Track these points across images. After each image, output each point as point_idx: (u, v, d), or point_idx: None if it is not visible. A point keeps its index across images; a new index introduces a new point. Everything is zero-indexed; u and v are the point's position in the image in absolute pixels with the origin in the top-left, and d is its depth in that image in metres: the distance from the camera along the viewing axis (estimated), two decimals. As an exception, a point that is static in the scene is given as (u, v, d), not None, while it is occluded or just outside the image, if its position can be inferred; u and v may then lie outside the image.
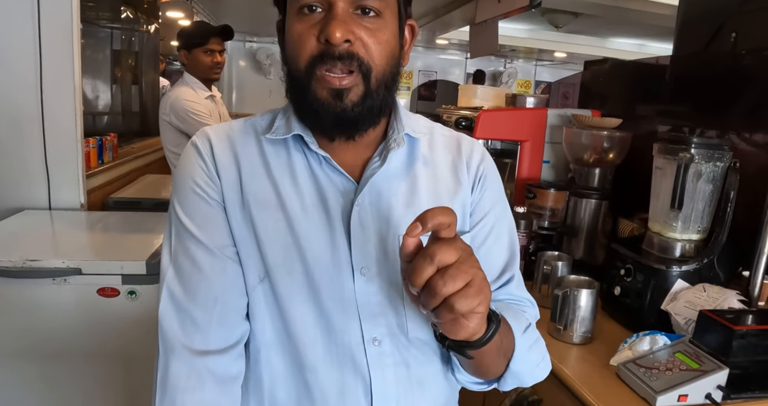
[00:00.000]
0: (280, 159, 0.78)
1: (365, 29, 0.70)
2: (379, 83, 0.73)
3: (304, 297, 0.75)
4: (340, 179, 0.78)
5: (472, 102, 2.55)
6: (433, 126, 0.89)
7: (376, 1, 0.70)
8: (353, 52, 0.69)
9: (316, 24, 0.70)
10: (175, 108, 2.37)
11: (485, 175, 0.86)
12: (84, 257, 1.66)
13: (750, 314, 1.11)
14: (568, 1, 3.53)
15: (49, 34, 2.11)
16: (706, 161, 1.27)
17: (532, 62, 8.85)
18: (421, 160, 0.83)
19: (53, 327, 1.64)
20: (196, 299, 0.75)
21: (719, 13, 1.73)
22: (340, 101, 0.71)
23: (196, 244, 0.75)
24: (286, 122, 0.79)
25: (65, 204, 2.24)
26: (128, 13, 3.85)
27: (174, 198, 0.79)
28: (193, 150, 0.79)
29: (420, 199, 0.80)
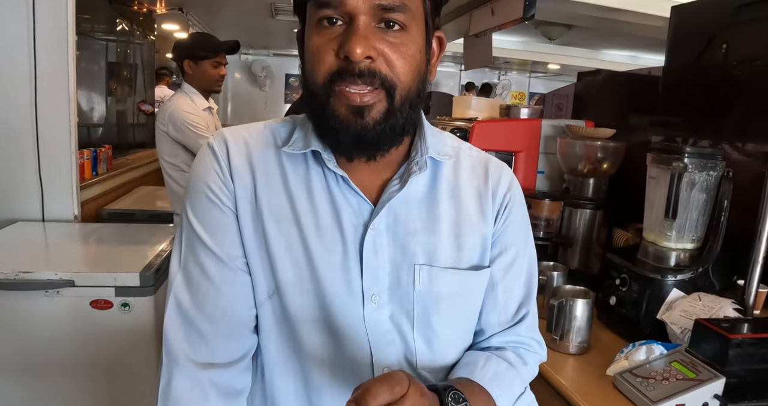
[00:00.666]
0: (298, 173, 0.74)
1: (388, 44, 0.66)
2: (403, 100, 0.68)
3: (314, 318, 0.73)
4: (357, 200, 0.74)
5: (466, 113, 2.56)
6: (460, 146, 0.83)
7: (400, 14, 0.66)
8: (375, 69, 0.65)
9: (335, 38, 0.66)
10: (174, 119, 2.37)
11: (511, 205, 0.82)
12: (77, 268, 1.65)
13: (746, 322, 1.11)
14: (561, 14, 3.57)
15: (44, 46, 2.12)
16: (699, 171, 1.28)
17: (525, 74, 8.93)
18: (445, 185, 0.78)
19: (45, 340, 1.62)
20: (204, 310, 0.72)
21: (710, 25, 1.75)
22: (361, 119, 0.67)
23: (206, 251, 0.73)
24: (304, 136, 0.75)
25: (59, 216, 2.23)
26: (124, 25, 3.87)
27: (187, 201, 0.75)
28: (209, 152, 0.75)
29: (440, 228, 0.76)
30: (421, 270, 0.74)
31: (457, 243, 0.77)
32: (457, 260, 0.77)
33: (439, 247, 0.76)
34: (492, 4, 3.05)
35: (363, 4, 0.64)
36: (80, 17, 2.78)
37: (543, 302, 1.43)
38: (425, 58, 0.71)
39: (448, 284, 0.76)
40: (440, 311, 0.76)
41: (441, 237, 0.76)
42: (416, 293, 0.74)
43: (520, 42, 5.98)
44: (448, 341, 0.78)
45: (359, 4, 0.64)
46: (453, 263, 0.76)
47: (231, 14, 4.61)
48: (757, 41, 1.55)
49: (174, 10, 4.18)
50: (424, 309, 0.75)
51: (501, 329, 0.83)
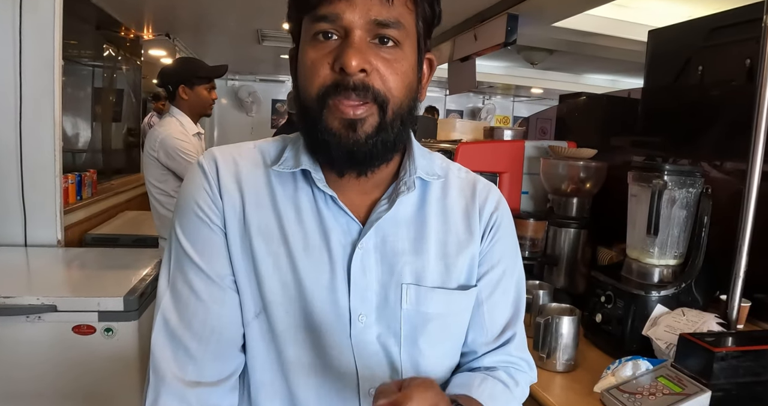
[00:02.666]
0: (286, 192, 0.75)
1: (382, 59, 0.67)
2: (395, 115, 0.69)
3: (301, 338, 0.72)
4: (346, 220, 0.74)
5: (451, 135, 2.59)
6: (449, 167, 0.84)
7: (395, 31, 0.67)
8: (368, 83, 0.66)
9: (330, 52, 0.67)
10: (165, 146, 2.36)
11: (498, 223, 0.82)
12: (59, 293, 1.63)
13: (729, 336, 1.12)
14: (542, 39, 3.65)
15: (30, 70, 2.12)
16: (679, 188, 1.30)
17: (509, 98, 9.06)
18: (434, 205, 0.79)
19: (26, 366, 1.59)
20: (192, 328, 0.71)
21: (686, 48, 1.80)
22: (353, 132, 0.67)
23: (195, 270, 0.72)
24: (294, 155, 0.75)
25: (42, 241, 2.20)
26: (111, 50, 3.89)
27: (176, 220, 0.75)
28: (199, 171, 0.75)
29: (428, 247, 0.76)
30: (408, 290, 0.74)
31: (445, 263, 0.77)
32: (445, 280, 0.77)
33: (426, 267, 0.76)
34: (475, 30, 3.12)
35: (359, 19, 0.65)
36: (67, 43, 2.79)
37: (529, 320, 1.43)
38: (417, 76, 0.72)
39: (435, 304, 0.76)
40: (428, 331, 0.76)
41: (429, 257, 0.76)
42: (404, 313, 0.74)
43: (503, 67, 6.09)
44: (434, 361, 0.78)
45: (356, 18, 0.65)
46: (441, 282, 0.77)
47: (218, 40, 4.65)
48: (731, 63, 1.60)
49: (161, 36, 4.21)
50: (412, 329, 0.75)
51: (488, 348, 0.82)
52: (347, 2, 0.65)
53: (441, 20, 0.75)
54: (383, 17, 0.66)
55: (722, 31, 1.68)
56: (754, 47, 1.47)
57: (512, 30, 2.79)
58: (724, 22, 1.68)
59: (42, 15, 2.11)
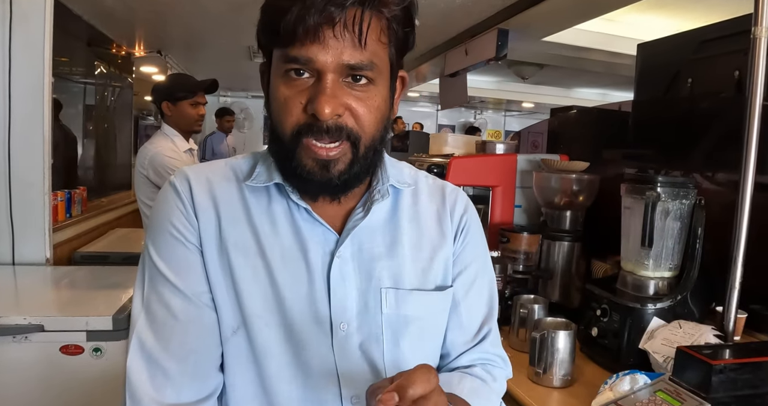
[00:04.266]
0: (260, 206, 0.75)
1: (355, 98, 0.68)
2: (367, 149, 0.71)
3: (281, 351, 0.72)
4: (321, 230, 0.75)
5: (443, 150, 2.59)
6: (417, 175, 0.87)
7: (368, 71, 0.67)
8: (342, 124, 0.67)
9: (303, 91, 0.67)
10: (155, 163, 2.34)
11: (468, 226, 0.85)
12: (47, 312, 1.59)
13: (727, 348, 1.11)
14: (532, 54, 3.68)
15: (20, 87, 2.11)
16: (672, 199, 1.30)
17: (501, 113, 9.13)
18: (406, 210, 0.81)
19: (12, 388, 1.55)
20: (169, 349, 0.70)
21: (674, 61, 1.82)
22: (327, 172, 0.69)
23: (171, 290, 0.71)
24: (267, 169, 0.76)
25: (30, 259, 2.17)
26: (102, 68, 3.88)
27: (149, 241, 0.75)
28: (171, 190, 0.75)
29: (403, 252, 0.78)
30: (387, 293, 0.76)
31: (421, 265, 0.80)
32: (422, 282, 0.79)
33: (403, 270, 0.78)
34: (465, 45, 3.14)
35: (331, 63, 0.65)
36: (58, 60, 2.78)
37: (525, 335, 1.42)
38: (390, 104, 0.74)
39: (415, 305, 0.77)
40: (409, 334, 0.77)
41: (405, 261, 0.78)
42: (384, 317, 0.76)
43: (494, 81, 6.14)
44: (417, 363, 0.77)
45: (328, 63, 0.65)
46: (418, 284, 0.79)
47: (210, 57, 4.66)
48: (720, 75, 1.61)
49: (153, 53, 4.21)
50: (393, 333, 0.76)
51: (466, 347, 0.85)
52: (319, 45, 0.64)
53: (414, 46, 0.75)
54: (356, 61, 0.66)
55: (711, 44, 1.69)
56: (742, 59, 1.48)
57: (503, 45, 2.81)
58: (712, 34, 1.69)
59: (32, 32, 2.10)
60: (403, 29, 0.70)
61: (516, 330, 1.46)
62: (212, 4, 2.79)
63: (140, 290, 0.74)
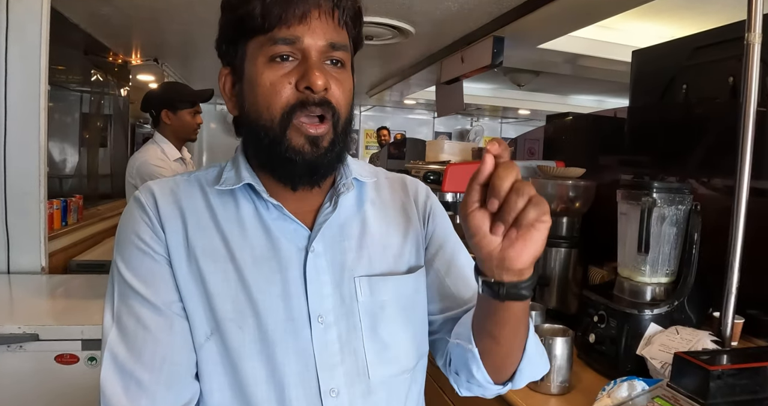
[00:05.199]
0: (228, 210, 0.77)
1: (334, 79, 0.72)
2: (343, 129, 0.75)
3: (256, 352, 0.73)
4: (293, 227, 0.77)
5: (439, 157, 2.59)
6: (377, 170, 0.91)
7: (342, 53, 0.73)
8: (329, 100, 0.71)
9: (290, 73, 0.71)
10: (142, 172, 2.34)
11: (433, 210, 0.89)
12: (42, 322, 1.58)
13: (724, 354, 1.11)
14: (528, 61, 3.69)
15: (16, 96, 2.11)
16: (668, 205, 1.30)
17: (497, 120, 9.14)
18: (369, 202, 0.84)
19: (7, 398, 1.54)
20: (142, 360, 0.70)
21: (669, 67, 1.83)
22: (316, 148, 0.72)
23: (140, 301, 0.72)
24: (235, 173, 0.79)
25: (25, 268, 2.16)
26: (98, 76, 3.88)
27: (117, 255, 0.76)
28: (136, 205, 0.77)
29: (372, 240, 0.81)
30: (360, 282, 0.78)
31: (392, 252, 0.82)
32: (392, 267, 0.81)
33: (374, 257, 0.80)
34: (461, 52, 3.15)
35: (318, 42, 0.71)
36: (54, 68, 2.79)
37: (523, 341, 1.41)
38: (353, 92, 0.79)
39: (389, 290, 0.79)
40: (386, 318, 0.78)
41: (375, 249, 0.81)
42: (360, 306, 0.77)
43: (490, 89, 6.16)
44: (398, 348, 0.80)
45: (314, 41, 0.71)
46: (389, 270, 0.81)
47: (206, 65, 4.66)
48: (714, 81, 1.62)
49: (149, 61, 4.21)
50: (371, 319, 0.77)
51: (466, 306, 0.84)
52: (305, 26, 0.70)
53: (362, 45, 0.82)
54: (336, 40, 0.72)
55: (705, 50, 1.70)
56: (736, 65, 1.48)
57: (498, 52, 2.82)
58: (706, 41, 1.71)
59: (28, 41, 2.10)
60: (359, 24, 0.78)
61: (513, 337, 1.45)
62: (209, 11, 2.79)
63: (110, 304, 0.74)
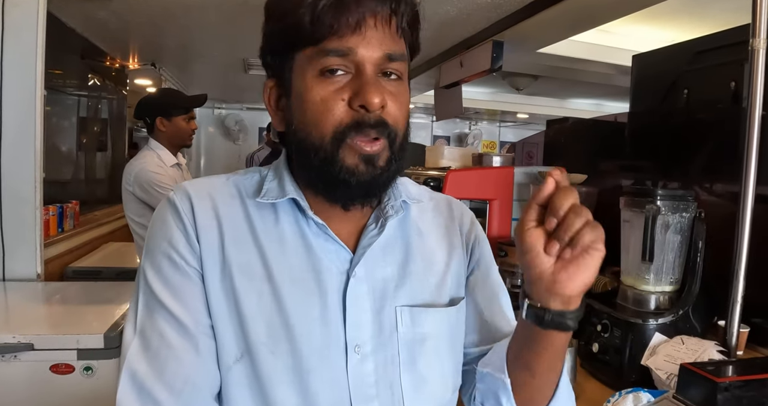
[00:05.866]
0: (267, 224, 0.71)
1: (390, 94, 0.67)
2: (399, 147, 0.69)
3: (288, 379, 0.68)
4: (335, 248, 0.71)
5: (439, 163, 2.58)
6: (421, 190, 0.85)
7: (399, 64, 0.67)
8: (384, 119, 0.66)
9: (342, 88, 0.65)
10: (140, 179, 2.32)
11: (478, 238, 0.85)
12: (37, 331, 1.56)
13: (731, 364, 1.09)
14: (527, 65, 3.68)
15: (12, 101, 2.08)
16: (672, 212, 1.29)
17: (495, 124, 9.13)
18: (415, 226, 0.79)
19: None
20: (163, 379, 0.65)
21: (671, 72, 1.81)
22: (372, 167, 0.66)
23: (167, 316, 0.67)
24: (278, 184, 0.73)
25: (21, 275, 2.13)
26: (96, 80, 3.86)
27: (146, 262, 0.70)
28: (170, 208, 0.70)
29: (415, 267, 0.76)
30: (402, 312, 0.73)
31: (434, 280, 0.78)
32: (435, 297, 0.77)
33: (416, 286, 0.76)
34: (461, 57, 3.14)
35: (373, 54, 0.65)
36: (51, 73, 2.77)
37: (525, 350, 1.39)
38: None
39: (430, 322, 0.75)
40: (426, 352, 0.74)
41: (417, 277, 0.76)
42: (400, 336, 0.73)
43: (488, 92, 6.15)
44: (435, 383, 0.76)
45: (369, 53, 0.64)
46: (432, 300, 0.76)
47: (204, 69, 4.65)
48: (716, 86, 1.61)
49: (147, 66, 4.20)
50: (410, 352, 0.73)
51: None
52: (359, 36, 0.64)
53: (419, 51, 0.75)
54: (393, 50, 0.66)
55: (706, 55, 1.69)
56: (738, 70, 1.48)
57: (498, 56, 2.81)
58: (708, 45, 1.69)
59: (24, 45, 2.08)
60: (416, 30, 0.71)
61: (515, 346, 1.43)
62: (207, 16, 2.78)
63: (134, 315, 0.69)
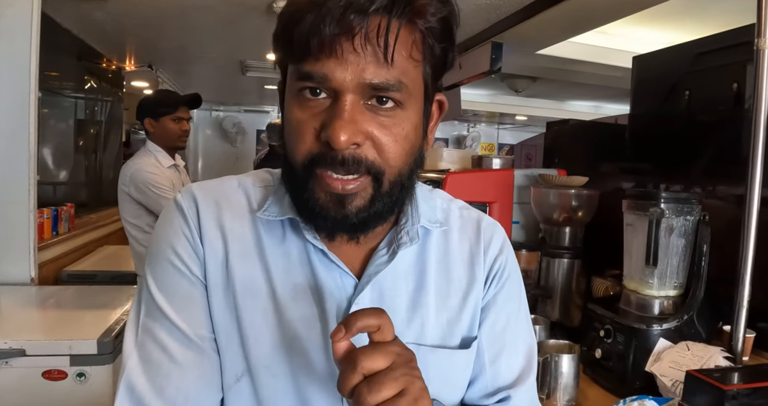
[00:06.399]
0: (274, 240, 0.67)
1: (378, 125, 0.58)
2: (392, 185, 0.61)
3: (288, 403, 0.64)
4: (339, 273, 0.66)
5: (438, 165, 2.55)
6: (450, 208, 0.76)
7: (395, 93, 0.57)
8: (360, 157, 0.57)
9: (318, 114, 0.58)
10: (135, 180, 2.30)
11: (503, 268, 0.74)
12: (29, 336, 1.54)
13: (737, 371, 1.07)
14: (526, 67, 3.67)
15: (6, 103, 2.07)
16: (676, 216, 1.26)
17: (494, 126, 9.11)
18: (434, 252, 0.71)
19: (-10, 417, 1.49)
20: (163, 395, 0.62)
21: (671, 73, 1.79)
22: (342, 208, 0.59)
23: (170, 328, 0.63)
24: (279, 201, 0.67)
25: (14, 279, 2.11)
26: (92, 82, 3.84)
27: (148, 270, 0.66)
28: (177, 211, 0.66)
29: (428, 301, 0.69)
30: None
31: (447, 316, 0.70)
32: (445, 337, 0.70)
33: (427, 323, 0.69)
34: (460, 59, 3.12)
35: (351, 82, 0.56)
36: (48, 75, 2.74)
37: (526, 356, 1.37)
38: (422, 132, 0.64)
39: (437, 364, 0.68)
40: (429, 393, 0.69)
41: (429, 312, 0.69)
42: None
43: (487, 94, 6.13)
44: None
45: (346, 81, 0.56)
46: (441, 340, 0.70)
47: (201, 71, 4.63)
48: (718, 87, 1.59)
49: (143, 68, 4.18)
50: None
51: (487, 402, 0.73)
52: (337, 60, 0.55)
53: (453, 65, 0.65)
54: (380, 80, 0.56)
55: (708, 56, 1.67)
56: (740, 71, 1.46)
57: (497, 58, 2.80)
58: (709, 47, 1.67)
59: (17, 47, 2.06)
60: (440, 44, 0.60)
61: (516, 351, 1.41)
62: (203, 18, 2.76)
63: (134, 325, 0.65)
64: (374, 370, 0.50)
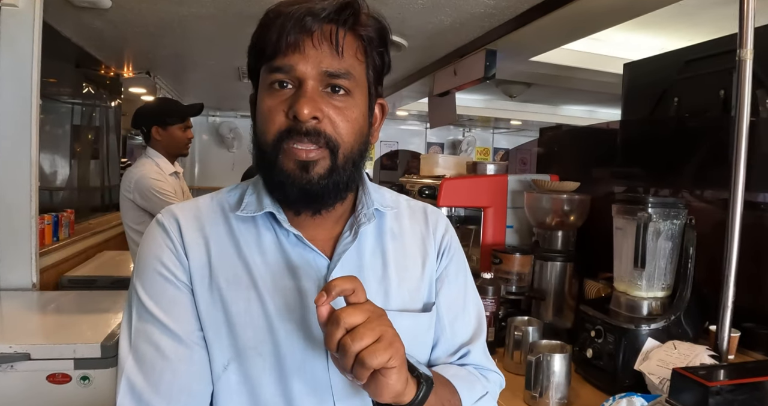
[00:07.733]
0: (249, 237, 0.77)
1: (333, 107, 0.72)
2: (346, 159, 0.74)
3: (274, 380, 0.73)
4: (312, 256, 0.77)
5: (434, 171, 2.59)
6: (398, 199, 0.90)
7: (345, 81, 0.72)
8: (320, 129, 0.71)
9: (285, 100, 0.71)
10: (140, 187, 2.33)
11: (450, 245, 0.89)
12: (33, 340, 1.56)
13: (722, 369, 1.10)
14: (520, 73, 3.71)
15: (7, 109, 2.09)
16: (663, 220, 1.31)
17: (489, 130, 9.17)
18: (389, 233, 0.84)
19: (-4, 420, 1.51)
20: (160, 390, 0.70)
21: (661, 80, 1.84)
22: (306, 173, 0.71)
23: (161, 329, 0.72)
24: (257, 198, 0.78)
25: (16, 284, 2.13)
26: (90, 89, 3.86)
27: (136, 280, 0.75)
28: (159, 229, 0.77)
29: (390, 273, 0.81)
30: None
31: (407, 286, 0.82)
32: (408, 302, 0.82)
33: (390, 292, 0.80)
34: (454, 65, 3.16)
35: (311, 70, 0.70)
36: (46, 81, 2.77)
37: (520, 357, 1.41)
38: (368, 121, 0.78)
39: (403, 326, 0.76)
40: None
41: (392, 282, 0.81)
42: None
43: (482, 100, 6.18)
44: None
45: (308, 70, 0.70)
46: (404, 305, 0.81)
47: (198, 77, 4.66)
48: (706, 94, 1.63)
49: (141, 74, 4.20)
50: None
51: (451, 360, 0.86)
52: (300, 55, 0.70)
53: (391, 69, 0.81)
54: (334, 68, 0.71)
55: (696, 64, 1.72)
56: (727, 78, 1.50)
57: (491, 65, 2.84)
58: (697, 54, 1.72)
59: (19, 55, 2.09)
60: (377, 49, 0.76)
61: (511, 353, 1.44)
62: (202, 26, 2.79)
63: (127, 329, 0.74)
64: (354, 324, 0.60)
